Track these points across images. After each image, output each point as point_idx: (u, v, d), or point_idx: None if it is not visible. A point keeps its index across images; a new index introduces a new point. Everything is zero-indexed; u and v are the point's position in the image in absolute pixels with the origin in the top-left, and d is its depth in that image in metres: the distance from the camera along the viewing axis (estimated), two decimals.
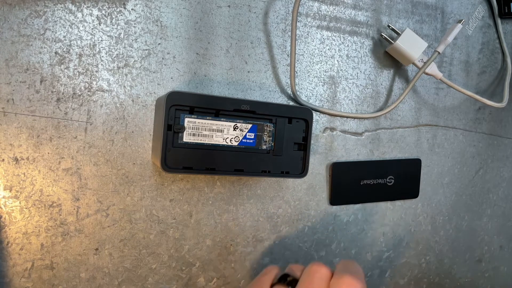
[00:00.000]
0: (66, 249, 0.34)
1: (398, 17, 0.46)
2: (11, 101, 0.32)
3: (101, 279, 0.35)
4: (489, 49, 0.51)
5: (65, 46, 0.34)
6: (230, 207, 0.39)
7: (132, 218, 0.36)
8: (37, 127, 0.33)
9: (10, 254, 0.33)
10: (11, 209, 0.33)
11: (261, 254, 0.41)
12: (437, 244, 0.50)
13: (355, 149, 0.44)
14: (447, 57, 0.49)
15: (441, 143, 0.49)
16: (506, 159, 0.53)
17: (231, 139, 0.33)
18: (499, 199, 0.53)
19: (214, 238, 0.39)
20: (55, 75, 0.33)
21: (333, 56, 0.43)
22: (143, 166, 0.36)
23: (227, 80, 0.39)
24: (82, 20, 0.34)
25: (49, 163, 0.33)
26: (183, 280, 0.38)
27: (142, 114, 0.36)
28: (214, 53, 0.38)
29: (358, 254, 0.45)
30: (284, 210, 0.41)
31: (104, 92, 0.35)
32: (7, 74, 0.32)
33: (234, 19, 0.39)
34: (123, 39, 0.35)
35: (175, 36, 0.37)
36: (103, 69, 0.35)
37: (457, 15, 0.49)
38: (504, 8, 0.51)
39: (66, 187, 0.34)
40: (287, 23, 0.41)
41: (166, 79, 0.36)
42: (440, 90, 0.48)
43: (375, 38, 0.45)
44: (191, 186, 0.38)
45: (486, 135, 0.51)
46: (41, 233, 0.33)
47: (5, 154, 0.32)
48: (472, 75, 0.50)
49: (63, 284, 0.34)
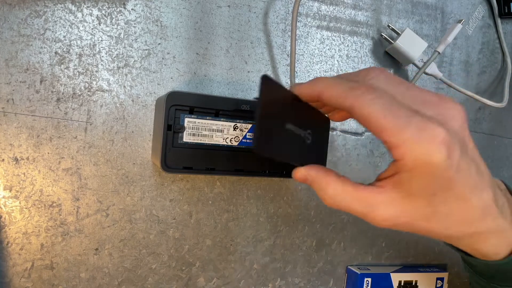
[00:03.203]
0: (66, 249, 0.34)
1: (398, 17, 0.46)
2: (11, 101, 0.32)
3: (101, 279, 0.35)
4: (489, 49, 0.51)
5: (65, 46, 0.34)
6: (230, 207, 0.39)
7: (132, 218, 0.36)
8: (37, 127, 0.33)
9: (10, 254, 0.33)
10: (11, 209, 0.33)
11: (261, 254, 0.41)
12: (437, 244, 0.50)
13: (355, 149, 0.44)
14: (447, 57, 0.49)
15: None
16: (506, 159, 0.53)
17: (231, 139, 0.33)
18: None
19: (214, 238, 0.39)
20: (55, 75, 0.33)
21: (333, 56, 0.43)
22: (143, 166, 0.36)
23: (227, 80, 0.39)
24: (82, 20, 0.34)
25: (49, 163, 0.33)
26: (183, 280, 0.38)
27: (142, 114, 0.36)
28: (214, 53, 0.38)
29: (358, 254, 0.45)
30: (284, 210, 0.41)
31: (104, 92, 0.35)
32: (7, 74, 0.32)
33: (234, 19, 0.39)
34: (123, 39, 0.35)
35: (175, 36, 0.37)
36: (103, 69, 0.35)
37: (457, 15, 0.49)
38: (504, 8, 0.51)
39: (66, 187, 0.34)
40: (287, 23, 0.41)
41: (166, 79, 0.36)
42: (440, 90, 0.48)
43: (375, 38, 0.45)
44: (191, 186, 0.38)
45: (486, 135, 0.51)
46: (41, 233, 0.33)
47: (5, 154, 0.32)
48: (472, 75, 0.50)
49: (63, 284, 0.34)
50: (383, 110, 0.22)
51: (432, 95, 0.24)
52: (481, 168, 0.25)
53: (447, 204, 0.24)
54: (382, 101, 0.22)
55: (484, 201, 0.24)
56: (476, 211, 0.24)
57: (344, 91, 0.24)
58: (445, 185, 0.23)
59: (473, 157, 0.24)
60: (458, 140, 0.23)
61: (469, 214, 0.25)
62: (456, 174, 0.23)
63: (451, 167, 0.22)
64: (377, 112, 0.22)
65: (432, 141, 0.22)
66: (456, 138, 0.23)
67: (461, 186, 0.23)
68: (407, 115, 0.22)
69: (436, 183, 0.23)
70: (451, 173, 0.23)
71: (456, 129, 0.23)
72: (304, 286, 0.43)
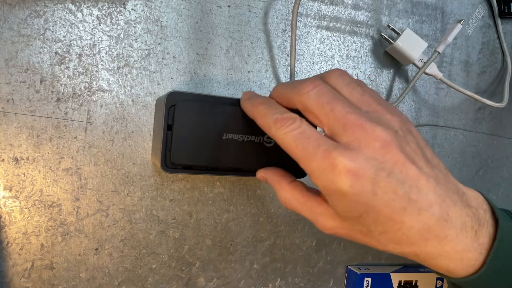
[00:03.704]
0: (66, 249, 0.34)
1: (398, 17, 0.46)
2: (11, 101, 0.32)
3: (101, 279, 0.35)
4: (489, 49, 0.51)
5: (65, 46, 0.34)
6: (230, 207, 0.39)
7: (132, 218, 0.36)
8: (37, 127, 0.33)
9: (10, 254, 0.33)
10: (11, 209, 0.33)
11: (261, 254, 0.41)
12: None
13: None
14: (447, 57, 0.49)
15: (441, 143, 0.49)
16: (506, 159, 0.53)
17: None
18: (499, 199, 0.53)
19: (214, 238, 0.39)
20: (55, 75, 0.33)
21: (333, 56, 0.43)
22: (143, 166, 0.36)
23: (227, 80, 0.39)
24: (82, 20, 0.34)
25: (49, 163, 0.33)
26: (183, 280, 0.38)
27: (142, 114, 0.36)
28: (214, 53, 0.38)
29: (358, 254, 0.45)
30: (284, 210, 0.41)
31: (104, 92, 0.35)
32: (7, 74, 0.32)
33: (234, 19, 0.39)
34: (123, 39, 0.35)
35: (175, 36, 0.37)
36: (103, 69, 0.35)
37: (457, 15, 0.49)
38: (504, 8, 0.51)
39: (66, 187, 0.34)
40: (287, 23, 0.41)
41: (166, 79, 0.36)
42: (440, 90, 0.48)
43: (375, 38, 0.45)
44: (191, 186, 0.38)
45: (486, 135, 0.51)
46: (41, 233, 0.33)
47: (5, 154, 0.32)
48: (472, 75, 0.50)
49: (63, 284, 0.34)
50: (294, 141, 0.24)
51: (357, 117, 0.24)
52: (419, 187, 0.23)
53: (378, 224, 0.24)
54: (294, 133, 0.24)
55: (424, 222, 0.23)
56: (413, 231, 0.24)
57: (267, 124, 0.26)
58: (365, 208, 0.23)
59: (404, 180, 0.23)
60: (373, 166, 0.23)
61: (405, 235, 0.24)
62: (373, 197, 0.23)
63: (362, 192, 0.23)
64: (290, 144, 0.25)
65: (333, 171, 0.23)
66: (369, 164, 0.23)
67: (385, 208, 0.23)
68: (315, 145, 0.24)
69: (355, 206, 0.24)
70: (365, 198, 0.23)
71: (371, 154, 0.23)
72: (304, 286, 0.43)
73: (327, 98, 0.24)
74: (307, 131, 0.24)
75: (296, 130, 0.24)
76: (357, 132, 0.23)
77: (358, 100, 0.25)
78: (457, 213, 0.24)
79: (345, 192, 0.23)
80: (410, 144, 0.24)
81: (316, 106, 0.25)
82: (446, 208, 0.24)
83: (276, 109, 0.26)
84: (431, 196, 0.23)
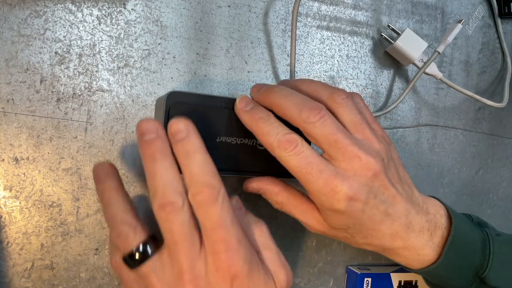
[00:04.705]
0: (66, 249, 0.34)
1: (398, 17, 0.46)
2: (11, 101, 0.32)
3: (101, 279, 0.35)
4: (489, 49, 0.51)
5: (65, 46, 0.34)
6: None
7: None
8: (37, 127, 0.33)
9: (10, 254, 0.33)
10: (11, 209, 0.33)
11: None
12: None
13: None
14: (447, 57, 0.49)
15: (441, 143, 0.49)
16: (506, 159, 0.53)
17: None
18: (499, 199, 0.53)
19: None
20: (55, 75, 0.33)
21: (333, 56, 0.43)
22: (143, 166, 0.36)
23: (227, 80, 0.39)
24: (82, 20, 0.34)
25: (49, 163, 0.33)
26: None
27: (142, 114, 0.36)
28: (214, 53, 0.38)
29: (358, 254, 0.45)
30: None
31: (104, 92, 0.35)
32: (7, 74, 0.32)
33: (234, 19, 0.39)
34: (123, 39, 0.35)
35: (175, 36, 0.37)
36: (103, 69, 0.35)
37: (457, 15, 0.49)
38: (504, 8, 0.51)
39: (66, 187, 0.34)
40: (287, 23, 0.41)
41: (166, 79, 0.36)
42: (440, 90, 0.48)
43: (375, 38, 0.45)
44: None
45: (486, 135, 0.51)
46: (41, 233, 0.33)
47: (5, 154, 0.32)
48: (472, 75, 0.50)
49: (63, 284, 0.34)
50: (298, 165, 0.28)
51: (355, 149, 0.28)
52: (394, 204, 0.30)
53: (361, 232, 0.30)
54: (297, 157, 0.28)
55: (394, 229, 0.30)
56: (385, 236, 0.31)
57: (269, 144, 0.29)
58: (354, 222, 0.29)
59: (385, 199, 0.29)
60: (365, 190, 0.28)
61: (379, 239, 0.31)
62: (362, 214, 0.29)
63: (354, 211, 0.28)
64: (294, 167, 0.28)
65: (334, 196, 0.28)
66: (363, 190, 0.28)
67: (368, 221, 0.29)
68: (318, 170, 0.28)
69: (346, 221, 0.29)
70: (356, 215, 0.29)
71: (364, 182, 0.28)
72: (304, 286, 0.43)
73: (330, 130, 0.28)
74: (309, 157, 0.28)
75: (299, 155, 0.28)
76: (354, 162, 0.28)
77: (356, 130, 0.29)
78: (417, 220, 0.31)
79: (341, 211, 0.28)
80: (391, 169, 0.30)
81: (321, 137, 0.28)
82: (410, 218, 0.31)
83: (277, 128, 0.29)
84: (401, 210, 0.30)
